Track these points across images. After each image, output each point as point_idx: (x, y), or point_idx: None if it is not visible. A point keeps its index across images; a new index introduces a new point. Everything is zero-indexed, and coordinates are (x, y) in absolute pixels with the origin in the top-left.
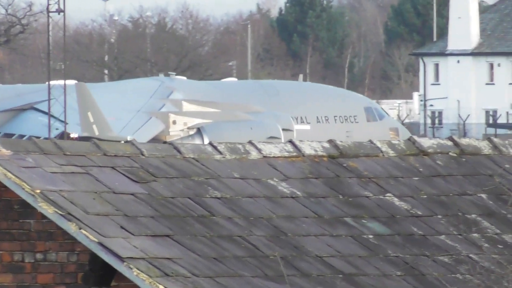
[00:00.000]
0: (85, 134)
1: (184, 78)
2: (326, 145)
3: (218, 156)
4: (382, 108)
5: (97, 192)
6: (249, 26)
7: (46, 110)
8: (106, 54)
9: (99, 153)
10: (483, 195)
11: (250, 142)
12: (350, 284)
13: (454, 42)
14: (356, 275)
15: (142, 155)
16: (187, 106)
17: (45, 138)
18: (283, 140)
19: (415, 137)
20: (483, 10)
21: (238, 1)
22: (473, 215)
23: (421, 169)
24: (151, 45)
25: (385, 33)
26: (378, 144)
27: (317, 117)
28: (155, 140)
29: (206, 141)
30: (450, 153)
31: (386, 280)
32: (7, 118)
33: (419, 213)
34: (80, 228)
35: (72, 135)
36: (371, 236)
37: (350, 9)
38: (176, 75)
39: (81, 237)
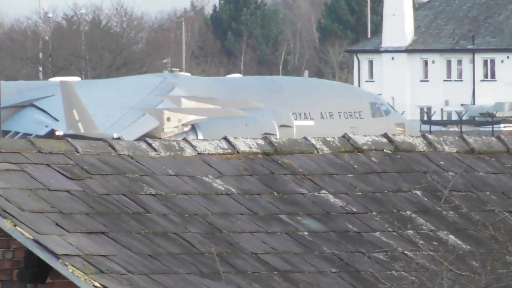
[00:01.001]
0: (70, 132)
1: (188, 74)
2: (261, 142)
3: (152, 153)
4: (389, 104)
5: (32, 189)
6: (183, 23)
7: (45, 107)
8: (40, 52)
9: (34, 150)
10: (418, 192)
11: (184, 139)
12: (285, 281)
13: (388, 39)
14: (292, 271)
15: (77, 152)
16: (185, 103)
17: (37, 136)
18: (278, 137)
19: (350, 134)
20: (417, 7)
21: None
22: (408, 212)
23: (355, 166)
24: (85, 42)
25: (319, 31)
26: (313, 141)
27: (321, 113)
28: (148, 137)
29: (201, 137)
30: (384, 150)
31: (321, 277)
32: (8, 115)
33: (354, 210)
34: (15, 225)
35: (57, 133)
36: (306, 233)
37: (284, 7)
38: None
39: (16, 234)
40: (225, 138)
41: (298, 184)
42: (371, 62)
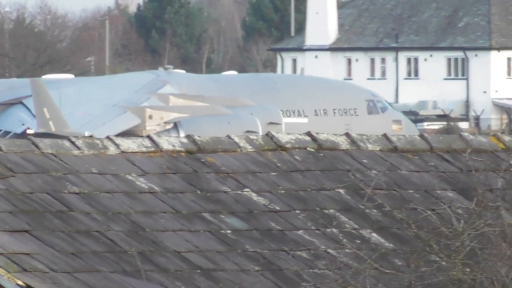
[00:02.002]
0: (41, 130)
1: (183, 71)
2: (184, 140)
3: (76, 152)
4: (386, 101)
5: None
6: (107, 22)
7: (30, 105)
8: None
9: None
10: (341, 190)
11: (108, 137)
12: (208, 279)
13: (312, 37)
14: (214, 270)
15: (1, 150)
16: (173, 100)
17: (15, 134)
18: (260, 133)
19: (273, 133)
20: (341, 5)
21: None
22: (331, 210)
23: (279, 164)
24: (9, 40)
25: (243, 29)
26: (236, 139)
27: (315, 110)
28: (129, 135)
29: (182, 135)
30: (308, 148)
31: (244, 275)
32: None
33: (277, 208)
34: None
35: (28, 131)
36: (229, 231)
37: (208, 5)
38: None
39: None
40: (148, 137)
41: (221, 183)
42: (294, 61)
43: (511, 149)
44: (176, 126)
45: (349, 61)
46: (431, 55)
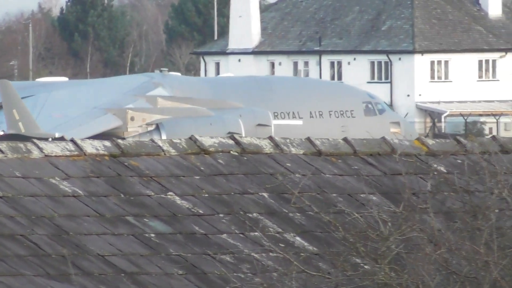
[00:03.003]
0: (11, 132)
1: (178, 74)
2: (108, 144)
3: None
4: (385, 103)
5: None
6: (30, 25)
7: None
8: None
9: None
10: (265, 194)
11: (31, 141)
12: (132, 283)
13: (235, 41)
14: (138, 273)
15: None
16: (162, 102)
17: None
18: (243, 135)
19: (197, 136)
20: (264, 8)
21: (19, 0)
22: (255, 214)
23: (202, 168)
24: None
25: (166, 32)
26: (160, 143)
27: (311, 112)
28: (111, 136)
29: (164, 137)
30: (231, 152)
31: (168, 279)
32: None
33: (201, 211)
34: None
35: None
36: (153, 235)
37: (131, 8)
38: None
39: None
40: (72, 141)
41: (145, 186)
42: (217, 64)
43: (435, 153)
44: (158, 127)
45: (272, 64)
46: (354, 59)
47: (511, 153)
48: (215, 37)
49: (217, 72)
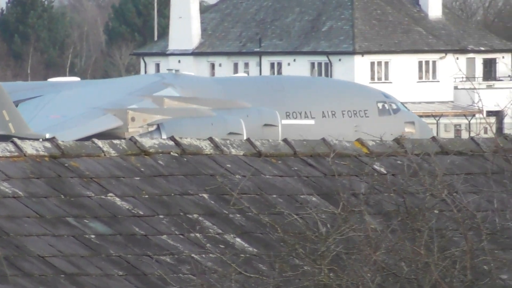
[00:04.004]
0: (1, 133)
1: (192, 74)
2: (48, 145)
3: None
4: (401, 103)
5: None
6: None
7: (20, 108)
8: None
9: None
10: (205, 195)
11: None
12: (72, 284)
13: (175, 42)
14: (78, 275)
15: None
16: (168, 103)
17: None
18: (245, 137)
19: (137, 137)
20: (204, 10)
21: None
22: (195, 215)
23: (142, 169)
24: None
25: (106, 33)
26: (100, 144)
27: (323, 112)
28: (111, 136)
29: (165, 137)
30: (171, 153)
31: (108, 280)
32: None
33: (141, 213)
34: None
35: None
36: (93, 236)
37: (71, 9)
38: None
39: None
40: (12, 141)
41: (85, 187)
42: (158, 65)
43: (375, 153)
44: (159, 128)
45: (213, 65)
46: (294, 60)
47: (450, 154)
48: (155, 38)
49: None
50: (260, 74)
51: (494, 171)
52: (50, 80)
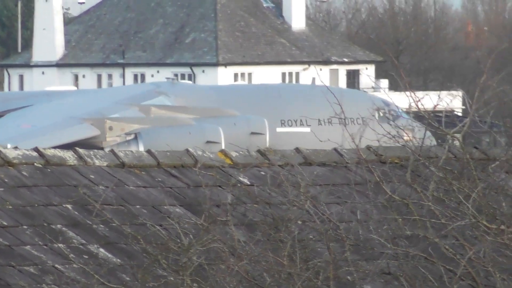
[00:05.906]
0: None
1: (190, 82)
2: None
3: None
4: (401, 110)
5: None
6: None
7: (8, 119)
8: None
9: None
10: (68, 206)
11: None
12: None
13: (39, 53)
14: None
15: None
16: (155, 112)
17: None
18: (223, 145)
19: (1, 148)
20: (68, 21)
21: None
22: (59, 226)
23: (6, 180)
24: None
25: None
26: None
27: (319, 120)
28: (89, 145)
29: (141, 147)
30: (35, 164)
31: None
32: None
33: (5, 223)
34: None
35: None
36: None
37: None
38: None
39: None
40: None
41: None
42: (21, 77)
43: (238, 164)
44: (136, 137)
45: (76, 77)
46: (158, 71)
47: (314, 165)
48: (19, 50)
49: (21, 85)
50: (124, 85)
51: (357, 182)
52: (46, 89)
